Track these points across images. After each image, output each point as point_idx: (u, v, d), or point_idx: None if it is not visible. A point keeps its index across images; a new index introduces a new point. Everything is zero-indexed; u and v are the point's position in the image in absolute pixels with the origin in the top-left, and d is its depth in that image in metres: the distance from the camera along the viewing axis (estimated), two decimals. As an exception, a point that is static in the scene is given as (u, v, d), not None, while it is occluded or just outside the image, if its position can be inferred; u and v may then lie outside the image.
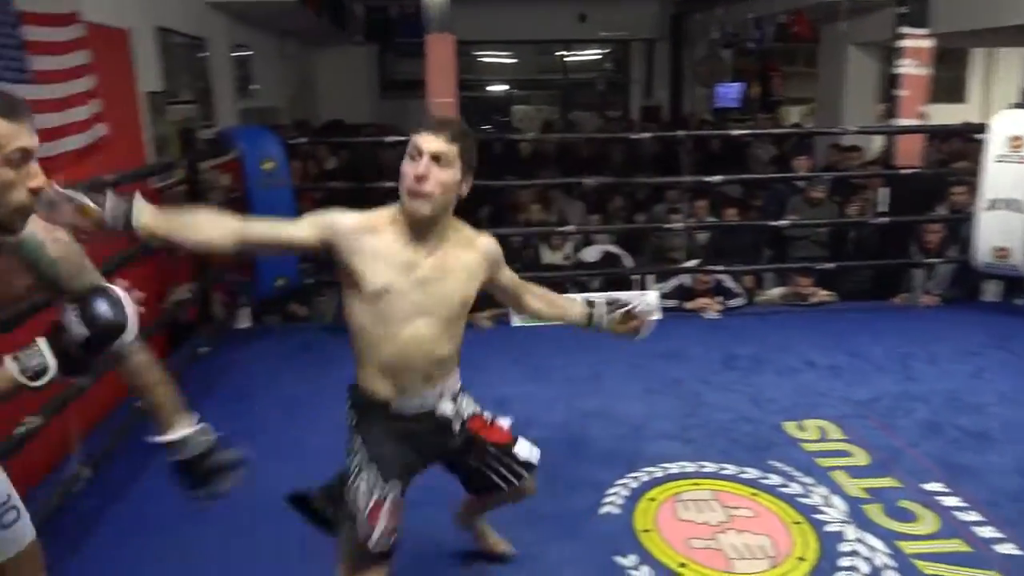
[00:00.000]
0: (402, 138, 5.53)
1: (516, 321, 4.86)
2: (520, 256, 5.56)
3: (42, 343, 1.30)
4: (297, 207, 4.55)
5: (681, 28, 10.81)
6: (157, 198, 4.44)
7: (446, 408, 1.94)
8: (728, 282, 5.19)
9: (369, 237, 1.77)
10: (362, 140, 7.73)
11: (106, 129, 3.89)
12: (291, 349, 4.55)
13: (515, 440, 2.12)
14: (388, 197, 5.96)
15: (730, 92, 11.19)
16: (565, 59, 12.02)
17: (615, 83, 12.13)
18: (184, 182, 4.48)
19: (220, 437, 1.60)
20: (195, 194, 4.30)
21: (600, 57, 12.22)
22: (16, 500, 1.45)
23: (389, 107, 11.14)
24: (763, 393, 3.81)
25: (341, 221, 1.79)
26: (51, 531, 2.32)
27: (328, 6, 7.65)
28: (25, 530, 1.44)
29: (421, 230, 1.77)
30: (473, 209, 6.76)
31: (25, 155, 1.21)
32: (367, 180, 6.13)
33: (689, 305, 5.11)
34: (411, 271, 1.78)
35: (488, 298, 5.06)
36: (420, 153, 1.69)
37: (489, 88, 11.82)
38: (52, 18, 3.43)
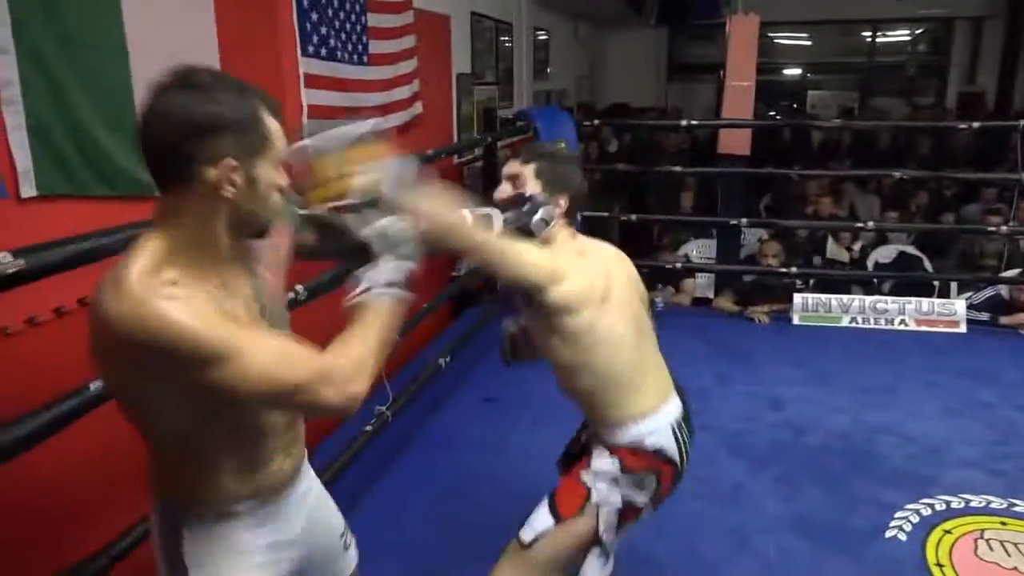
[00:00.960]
0: (690, 122, 5.53)
1: (797, 319, 4.61)
2: (802, 250, 5.25)
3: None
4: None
5: (1019, 3, 9.37)
6: (458, 174, 4.82)
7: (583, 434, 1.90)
8: (1059, 298, 4.48)
9: None
10: (646, 123, 7.75)
11: (422, 108, 4.28)
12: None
13: None
14: (665, 182, 5.96)
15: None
16: (872, 39, 10.98)
17: (928, 66, 10.85)
18: (482, 158, 4.79)
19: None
20: (491, 171, 4.58)
21: (912, 38, 11.00)
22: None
23: (676, 90, 11.00)
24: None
25: None
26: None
27: (624, -13, 7.72)
28: (355, 554, 1.54)
29: None
30: (755, 198, 6.51)
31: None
32: (648, 163, 6.16)
33: (1005, 320, 4.49)
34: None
35: (766, 290, 4.91)
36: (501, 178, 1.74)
37: (783, 71, 11.17)
38: (390, 5, 3.83)
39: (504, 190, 1.69)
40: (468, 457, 3.08)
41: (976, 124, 5.03)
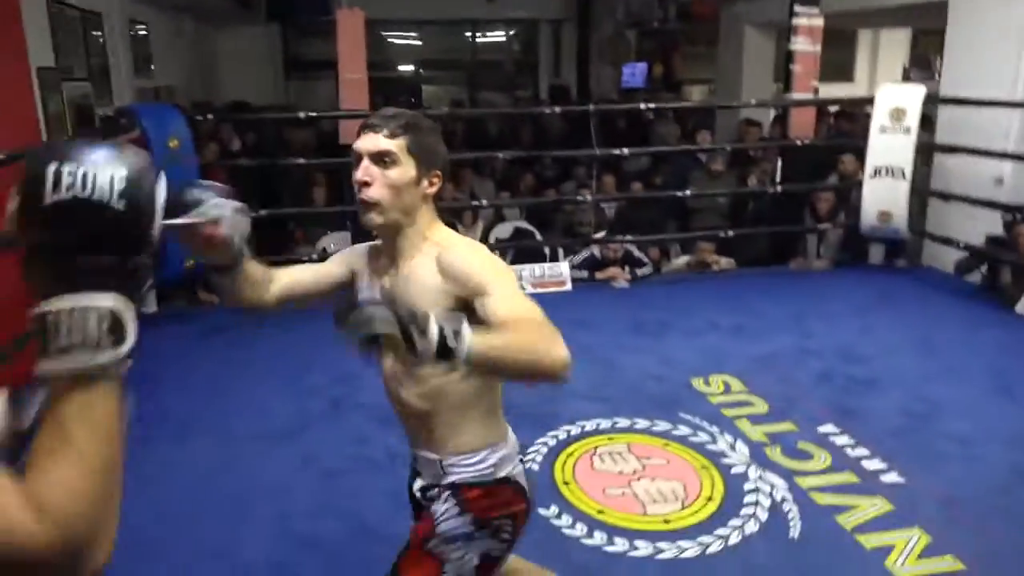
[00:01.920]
0: (311, 114, 5.55)
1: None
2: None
3: None
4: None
5: (587, 9, 10.99)
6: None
7: (415, 485, 1.62)
8: (636, 252, 5.38)
9: (368, 258, 1.59)
10: (269, 117, 7.56)
11: (-5, 106, 3.71)
12: (201, 332, 4.47)
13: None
14: (295, 176, 5.90)
15: (635, 72, 11.45)
16: (473, 39, 12.03)
17: (523, 64, 12.23)
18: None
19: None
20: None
21: (507, 39, 12.29)
22: None
23: (295, 88, 10.94)
24: (671, 354, 4.00)
25: (358, 246, 1.63)
26: None
27: (228, -18, 7.46)
28: None
29: (388, 244, 1.51)
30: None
31: None
32: (275, 158, 6.04)
33: (599, 275, 5.27)
34: (375, 292, 1.52)
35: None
36: (360, 157, 1.43)
37: (398, 68, 11.72)
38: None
39: (372, 174, 1.40)
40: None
41: (559, 109, 5.81)
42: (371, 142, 1.41)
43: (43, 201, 0.66)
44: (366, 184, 1.41)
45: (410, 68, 11.90)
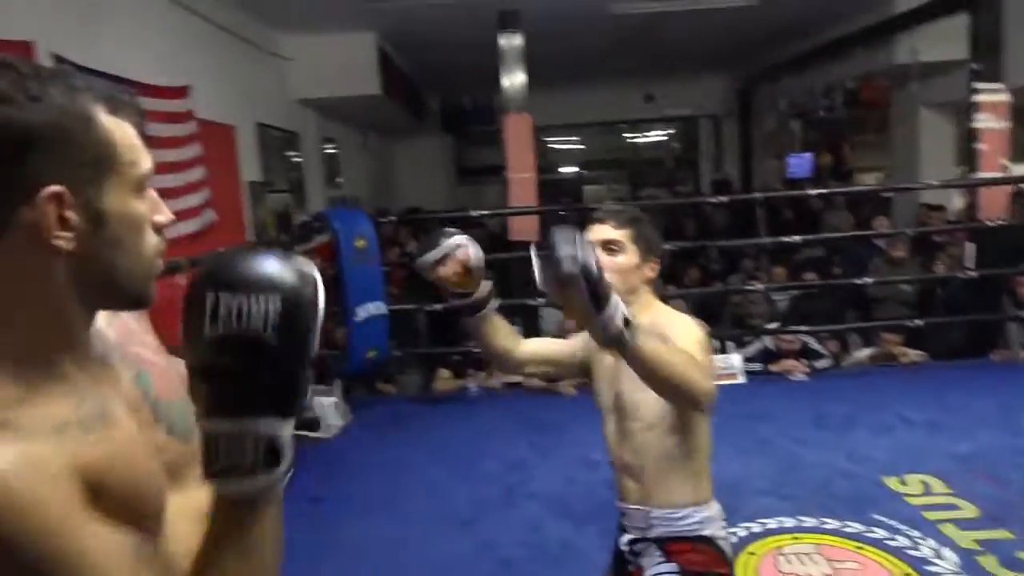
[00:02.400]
0: (483, 212, 5.86)
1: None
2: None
3: None
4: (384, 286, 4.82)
5: (748, 102, 10.98)
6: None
7: (622, 540, 1.69)
8: (813, 344, 5.13)
9: None
10: (443, 217, 8.02)
11: (215, 215, 4.21)
12: (381, 418, 4.70)
13: None
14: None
15: (801, 162, 11.18)
16: (634, 139, 12.31)
17: (683, 160, 12.31)
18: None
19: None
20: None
21: (667, 136, 12.46)
22: None
23: (465, 192, 11.56)
24: (859, 450, 3.72)
25: None
26: None
27: (407, 99, 8.11)
28: None
29: None
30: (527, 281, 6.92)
31: (148, 177, 0.75)
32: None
33: (774, 367, 5.06)
34: (603, 363, 1.68)
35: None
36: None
37: (560, 170, 12.14)
38: (171, 116, 3.80)
39: (602, 260, 1.45)
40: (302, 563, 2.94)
41: (725, 199, 5.76)
42: (600, 232, 1.60)
43: (202, 330, 0.67)
44: None
45: (572, 169, 12.29)
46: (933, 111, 8.10)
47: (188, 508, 0.81)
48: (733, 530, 2.96)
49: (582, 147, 12.34)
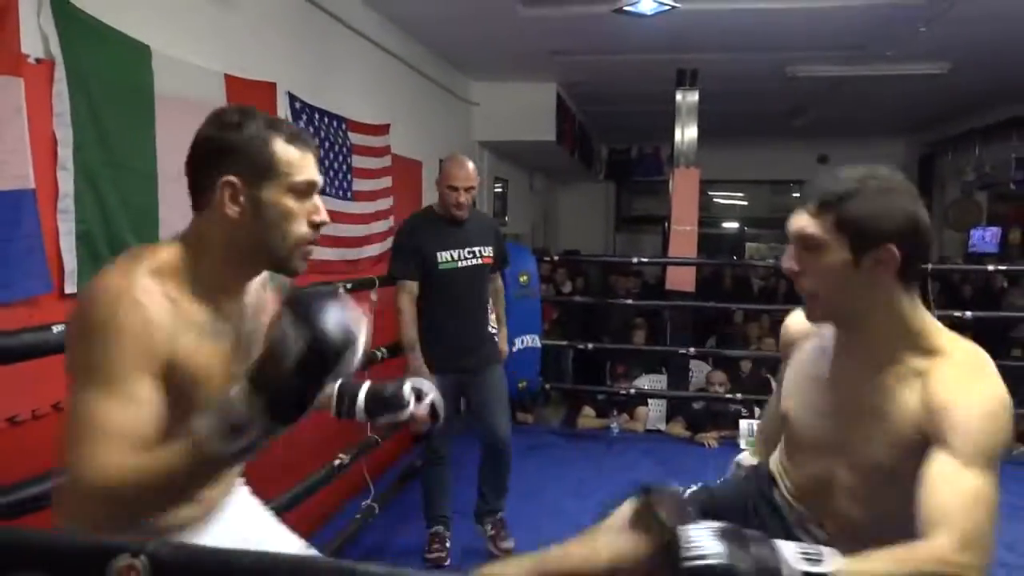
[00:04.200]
0: (643, 259, 6.06)
1: (744, 443, 4.90)
2: (746, 385, 5.61)
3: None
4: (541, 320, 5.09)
5: (930, 170, 10.49)
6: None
7: None
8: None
9: (804, 342, 1.42)
10: (604, 261, 8.30)
11: (397, 241, 4.64)
12: (520, 448, 4.92)
13: None
14: (616, 318, 6.40)
15: (985, 237, 10.52)
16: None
17: (854, 224, 11.89)
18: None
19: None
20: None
21: (838, 199, 12.08)
22: None
23: (622, 239, 11.76)
24: (1021, 541, 3.53)
25: (791, 324, 1.47)
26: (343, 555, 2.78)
27: (577, 146, 8.45)
28: None
29: (839, 342, 1.29)
30: (702, 339, 6.95)
31: (310, 187, 1.18)
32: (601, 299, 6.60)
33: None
34: (814, 393, 1.32)
35: (714, 417, 5.22)
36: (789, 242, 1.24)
37: (722, 225, 12.07)
38: (373, 150, 4.28)
39: (789, 267, 1.23)
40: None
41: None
42: (796, 223, 1.24)
43: (268, 334, 0.97)
44: (796, 274, 1.25)
45: (734, 225, 12.18)
46: None
47: None
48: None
49: (745, 203, 12.20)
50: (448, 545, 3.26)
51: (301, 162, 1.16)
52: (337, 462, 2.91)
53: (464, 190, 3.04)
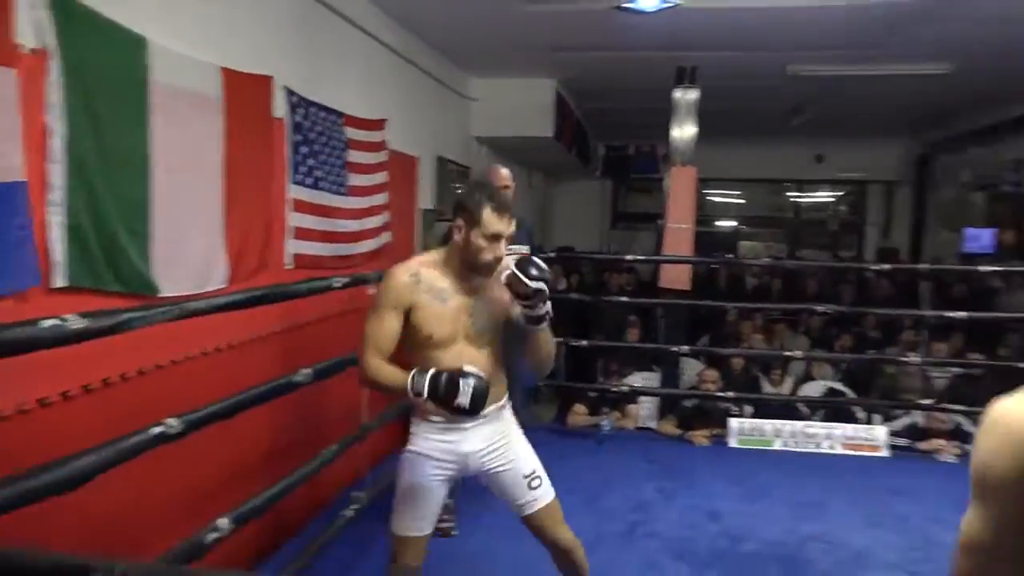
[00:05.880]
0: (638, 257, 6.05)
1: (734, 442, 4.92)
2: (737, 382, 5.62)
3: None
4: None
5: (927, 170, 10.51)
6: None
7: None
8: (968, 427, 4.89)
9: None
10: (600, 258, 8.30)
11: (391, 237, 4.65)
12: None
13: None
14: (609, 316, 6.40)
15: (980, 237, 10.54)
16: (796, 199, 12.04)
17: (848, 224, 11.88)
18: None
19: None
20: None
21: (834, 199, 12.09)
22: (540, 471, 2.36)
23: (616, 236, 11.76)
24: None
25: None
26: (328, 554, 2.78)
27: (575, 143, 8.44)
28: (548, 492, 2.35)
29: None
30: (695, 337, 6.96)
31: (496, 237, 2.04)
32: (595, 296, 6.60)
33: (922, 446, 4.87)
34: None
35: (705, 415, 5.22)
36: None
37: (717, 223, 12.05)
38: (368, 145, 4.28)
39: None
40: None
41: (888, 267, 5.64)
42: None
43: (521, 279, 2.04)
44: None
45: (730, 224, 12.18)
46: None
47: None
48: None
49: (741, 201, 12.19)
50: (455, 517, 3.43)
51: (496, 224, 2.03)
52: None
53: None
